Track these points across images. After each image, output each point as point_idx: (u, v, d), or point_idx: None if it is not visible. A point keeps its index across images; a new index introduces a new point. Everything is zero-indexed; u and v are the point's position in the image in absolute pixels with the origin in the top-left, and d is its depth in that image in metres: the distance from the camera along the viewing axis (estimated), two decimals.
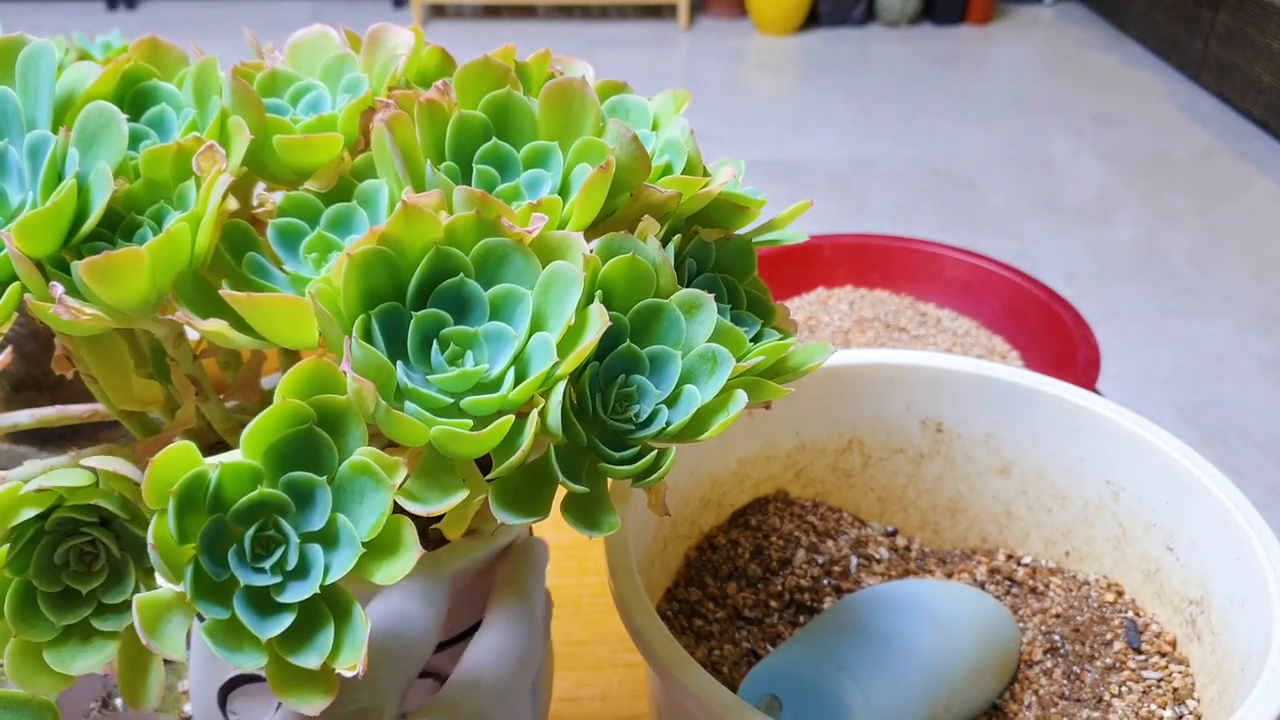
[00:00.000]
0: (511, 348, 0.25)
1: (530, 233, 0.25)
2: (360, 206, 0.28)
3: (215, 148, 0.26)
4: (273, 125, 0.29)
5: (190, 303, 0.26)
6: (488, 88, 0.29)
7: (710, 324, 0.27)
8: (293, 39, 0.32)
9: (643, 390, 0.26)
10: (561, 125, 0.29)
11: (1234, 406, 1.72)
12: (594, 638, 0.54)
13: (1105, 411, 0.43)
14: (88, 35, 0.59)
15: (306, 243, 0.27)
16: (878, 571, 0.46)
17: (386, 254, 0.25)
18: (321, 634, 0.23)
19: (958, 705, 0.39)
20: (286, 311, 0.24)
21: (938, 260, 0.92)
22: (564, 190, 0.28)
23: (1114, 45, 3.25)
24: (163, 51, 0.31)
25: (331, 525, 0.23)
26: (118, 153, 0.26)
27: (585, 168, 0.28)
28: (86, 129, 0.26)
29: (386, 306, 0.25)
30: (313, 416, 0.23)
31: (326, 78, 0.31)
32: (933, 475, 0.48)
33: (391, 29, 0.32)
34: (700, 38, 3.33)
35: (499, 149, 0.29)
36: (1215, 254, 2.14)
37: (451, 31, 3.24)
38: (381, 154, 0.28)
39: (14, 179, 0.26)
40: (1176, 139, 2.63)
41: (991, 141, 2.63)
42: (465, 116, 0.28)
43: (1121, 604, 0.43)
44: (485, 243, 0.25)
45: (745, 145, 2.59)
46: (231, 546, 0.23)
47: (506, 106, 0.29)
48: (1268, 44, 2.57)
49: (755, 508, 0.48)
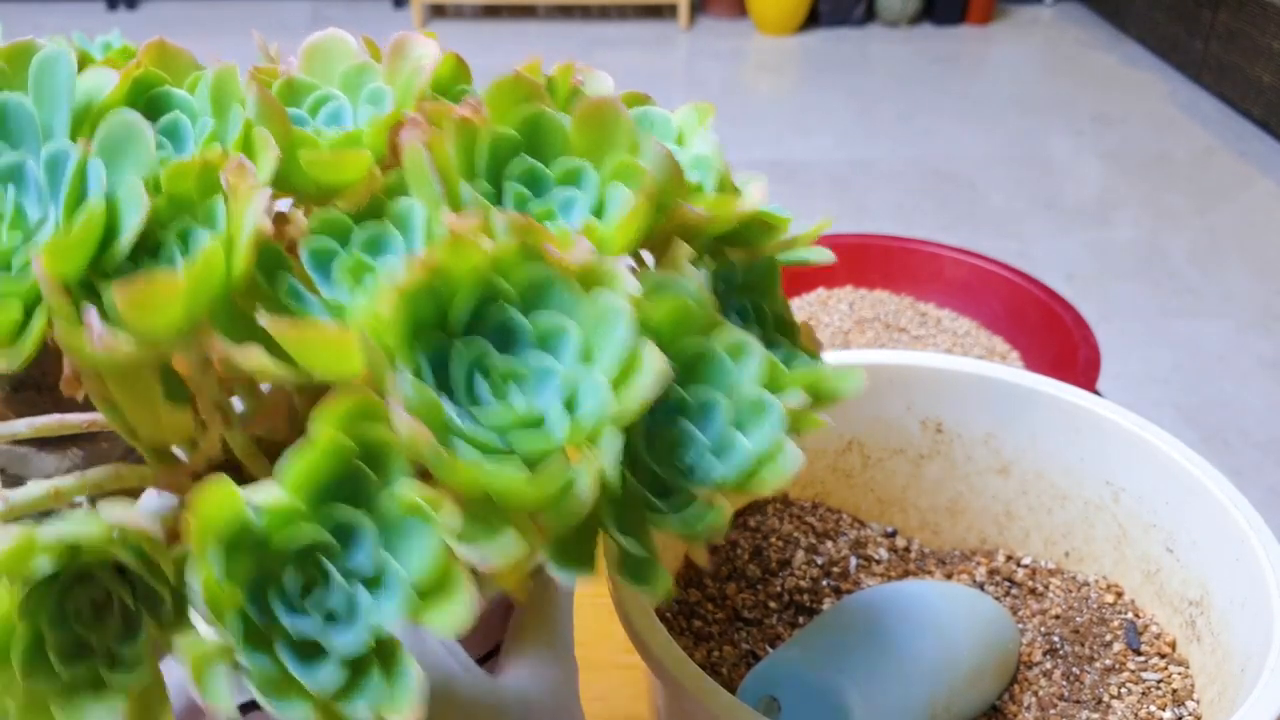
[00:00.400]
0: (561, 384, 0.24)
1: (575, 260, 0.24)
2: (394, 227, 0.27)
3: (245, 163, 0.25)
4: (299, 140, 0.28)
5: (227, 331, 0.25)
6: (519, 103, 0.28)
7: (756, 367, 0.26)
8: (307, 44, 0.31)
9: (689, 437, 0.25)
10: (595, 143, 0.28)
11: (1234, 406, 1.72)
12: (594, 639, 0.54)
13: (1105, 411, 0.43)
14: (88, 35, 0.59)
15: (340, 265, 0.26)
16: (877, 572, 0.46)
17: (437, 285, 0.23)
18: (371, 682, 0.22)
19: (957, 706, 0.39)
20: (333, 345, 0.23)
21: (938, 260, 0.92)
22: (598, 210, 0.28)
23: (1114, 45, 3.25)
24: (171, 55, 0.30)
25: (377, 566, 0.22)
26: (146, 166, 0.25)
27: (620, 187, 0.27)
28: (110, 140, 0.25)
29: (433, 339, 0.24)
30: (355, 451, 0.22)
31: (346, 87, 0.30)
32: (932, 476, 0.48)
33: (416, 38, 0.31)
34: (700, 38, 3.33)
35: (532, 167, 0.28)
36: (1215, 254, 2.14)
37: (451, 31, 3.24)
38: (415, 172, 0.27)
39: (32, 194, 0.25)
40: (1176, 139, 2.63)
41: (991, 141, 2.63)
42: (499, 134, 0.28)
43: (1121, 605, 0.43)
44: (531, 272, 0.24)
45: (745, 145, 2.59)
46: (275, 591, 0.22)
47: (539, 124, 0.28)
48: (1268, 44, 2.57)
49: (754, 508, 0.48)
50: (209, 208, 0.25)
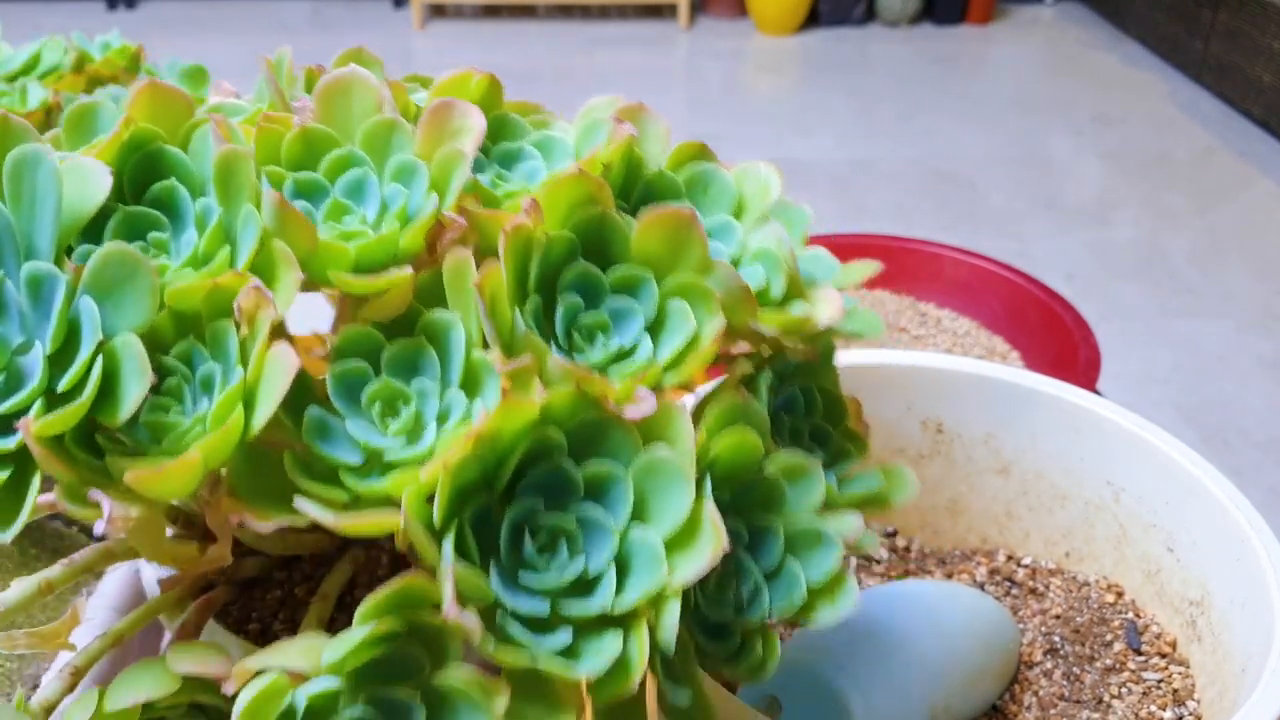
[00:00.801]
0: (609, 543, 0.22)
1: (636, 416, 0.22)
2: (429, 344, 0.24)
3: (263, 291, 0.22)
4: (325, 252, 0.25)
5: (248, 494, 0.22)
6: (580, 205, 0.26)
7: (815, 493, 0.25)
8: (323, 84, 0.28)
9: (744, 570, 0.24)
10: (660, 252, 0.26)
11: (1234, 406, 1.72)
12: None
13: (1105, 411, 0.43)
14: (87, 35, 0.59)
15: (370, 393, 0.24)
16: (877, 572, 0.46)
17: (482, 455, 0.22)
18: None
19: (957, 706, 0.39)
20: (375, 524, 0.22)
21: (938, 260, 0.92)
22: (656, 325, 0.25)
23: (1114, 45, 3.25)
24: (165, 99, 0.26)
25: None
26: (145, 313, 0.22)
27: (684, 308, 0.25)
28: (104, 276, 0.22)
29: (478, 506, 0.22)
30: (403, 634, 0.21)
31: (370, 148, 0.27)
32: (933, 476, 0.48)
33: (458, 106, 0.27)
34: (700, 38, 3.33)
35: (587, 271, 0.25)
36: (1215, 254, 2.14)
37: (452, 31, 3.24)
38: (457, 285, 0.24)
39: (13, 318, 0.22)
40: (1176, 139, 2.63)
41: (991, 141, 2.63)
42: (554, 238, 0.25)
43: (1121, 605, 0.43)
44: (584, 419, 0.23)
45: (745, 145, 2.59)
46: None
47: (601, 227, 0.26)
48: (1268, 44, 2.57)
49: None
50: (218, 332, 0.23)
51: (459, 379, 0.24)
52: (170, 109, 0.27)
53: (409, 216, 0.26)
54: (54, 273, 0.22)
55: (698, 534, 0.22)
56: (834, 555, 0.24)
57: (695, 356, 0.24)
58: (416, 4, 3.32)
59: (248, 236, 0.24)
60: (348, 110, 0.27)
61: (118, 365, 0.22)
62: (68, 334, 0.22)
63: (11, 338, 0.22)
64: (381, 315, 0.25)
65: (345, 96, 0.27)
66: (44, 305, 0.22)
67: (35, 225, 0.23)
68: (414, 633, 0.21)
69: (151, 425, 0.23)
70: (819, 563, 0.24)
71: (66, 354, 0.22)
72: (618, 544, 0.22)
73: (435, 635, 0.21)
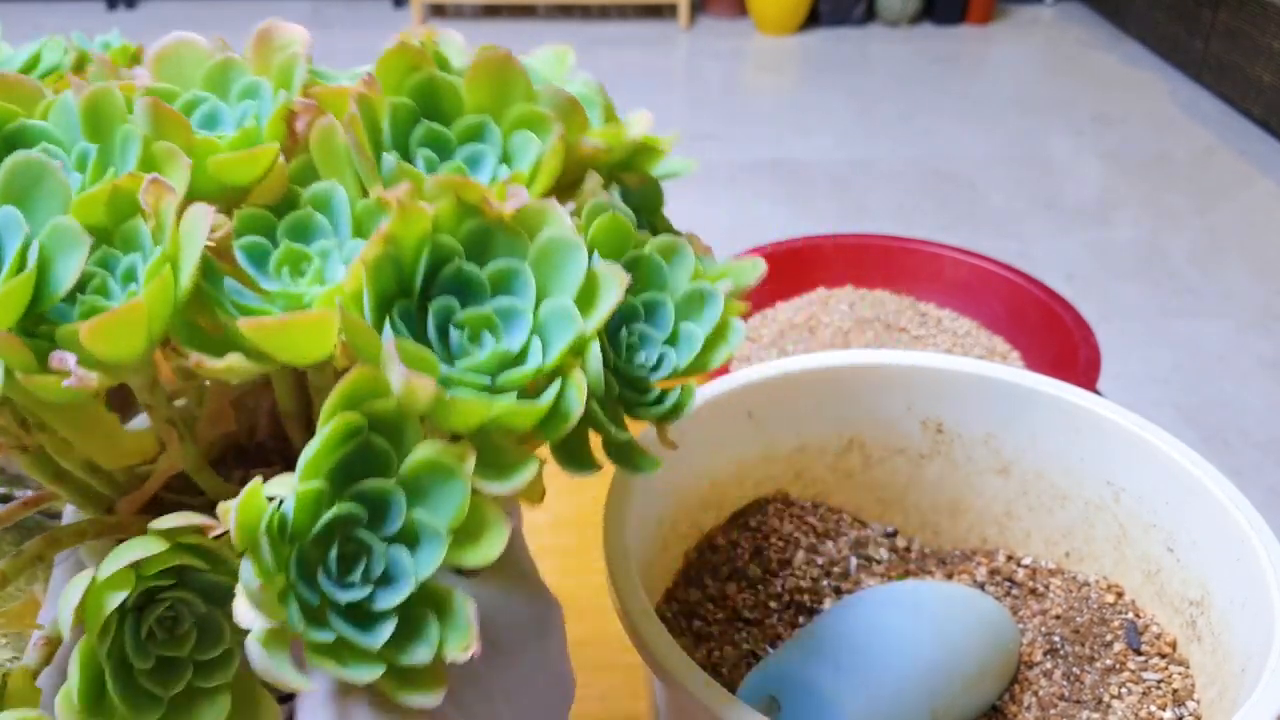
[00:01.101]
0: (526, 320, 0.26)
1: (509, 209, 0.26)
2: (317, 212, 0.27)
3: (163, 181, 0.25)
4: (201, 146, 0.27)
5: (188, 343, 0.25)
6: (409, 72, 0.29)
7: (689, 265, 0.29)
8: (153, 51, 0.31)
9: (645, 337, 0.28)
10: (490, 97, 0.29)
11: (1234, 406, 1.72)
12: (594, 638, 0.54)
13: (1105, 411, 0.43)
14: (87, 35, 0.59)
15: (276, 258, 0.27)
16: (878, 572, 0.46)
17: (393, 254, 0.25)
18: (428, 628, 0.24)
19: (957, 707, 0.39)
20: (314, 328, 0.24)
21: (938, 260, 0.92)
22: (506, 159, 0.29)
23: (1114, 45, 3.25)
24: (11, 85, 0.29)
25: (410, 525, 0.24)
26: (63, 202, 0.25)
27: (526, 134, 0.29)
28: (14, 186, 0.25)
29: (400, 305, 0.25)
30: (365, 426, 0.23)
31: (211, 87, 0.30)
32: (933, 476, 0.48)
33: (279, 26, 0.31)
34: (700, 38, 3.33)
35: (433, 130, 0.29)
36: (1215, 254, 2.14)
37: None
38: (327, 155, 0.28)
39: None
40: (1176, 139, 2.63)
41: (991, 141, 2.63)
42: (397, 104, 0.29)
43: (1121, 605, 0.43)
44: (473, 225, 0.26)
45: (745, 145, 2.59)
46: (319, 569, 0.23)
47: (431, 88, 0.29)
48: (1268, 44, 2.57)
49: (755, 509, 0.48)
50: (128, 232, 0.25)
51: (350, 231, 0.27)
52: (18, 94, 0.29)
53: (261, 118, 0.29)
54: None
55: (598, 287, 0.26)
56: (718, 305, 0.28)
57: (550, 157, 0.28)
58: (416, 4, 3.32)
59: (129, 149, 0.26)
60: (182, 70, 0.30)
61: (50, 252, 0.24)
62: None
63: None
64: (266, 199, 0.28)
65: (178, 60, 0.31)
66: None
67: None
68: (374, 425, 0.23)
69: (87, 310, 0.25)
70: (708, 316, 0.28)
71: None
72: (533, 320, 0.26)
73: (393, 421, 0.24)
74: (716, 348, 0.28)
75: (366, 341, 0.24)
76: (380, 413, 0.24)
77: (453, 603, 0.24)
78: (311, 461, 0.23)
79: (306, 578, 0.23)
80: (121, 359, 0.24)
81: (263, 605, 0.22)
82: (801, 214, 2.29)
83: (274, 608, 0.22)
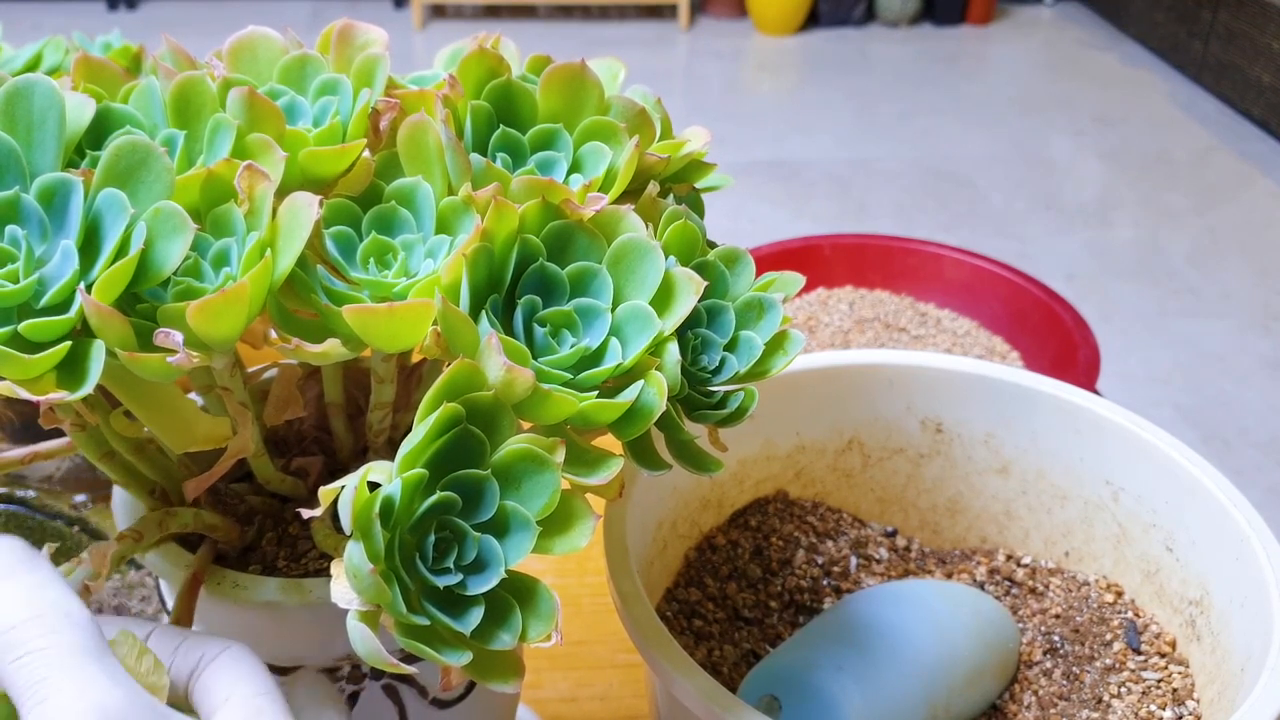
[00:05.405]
0: (605, 320, 0.27)
1: (589, 212, 0.27)
2: (401, 205, 0.28)
3: (258, 168, 0.25)
4: (291, 138, 0.28)
5: (287, 328, 0.26)
6: (485, 77, 0.30)
7: (749, 274, 0.30)
8: (231, 43, 0.31)
9: (708, 341, 0.29)
10: (563, 106, 0.30)
11: (1234, 406, 1.72)
12: (594, 638, 0.54)
13: (1105, 411, 0.43)
14: (88, 35, 0.59)
15: (364, 249, 0.27)
16: (877, 572, 0.46)
17: (489, 249, 0.26)
18: (512, 616, 0.24)
19: (957, 706, 0.39)
20: (415, 317, 0.25)
21: (938, 260, 0.92)
22: (575, 167, 0.30)
23: (1114, 45, 3.25)
24: (97, 69, 0.29)
25: (502, 514, 0.24)
26: (165, 192, 0.25)
27: (598, 145, 0.30)
28: (119, 167, 0.25)
29: (493, 300, 0.26)
30: (464, 417, 0.24)
31: (288, 80, 0.31)
32: (933, 475, 0.48)
33: (359, 27, 0.32)
34: (700, 38, 3.33)
35: (508, 135, 0.30)
36: (1215, 254, 2.14)
37: (451, 31, 3.24)
38: (415, 152, 0.28)
39: (34, 226, 0.24)
40: (1176, 139, 2.63)
41: (991, 141, 2.63)
42: (477, 108, 0.29)
43: (1121, 604, 0.43)
44: (555, 227, 0.27)
45: (745, 145, 2.59)
46: (415, 555, 0.24)
47: (508, 94, 0.30)
48: (1268, 44, 2.57)
49: (755, 508, 0.48)
50: (220, 217, 0.26)
51: (434, 228, 0.28)
52: (102, 77, 0.29)
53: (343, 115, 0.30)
54: (65, 178, 0.24)
55: (675, 290, 0.27)
56: (777, 314, 0.29)
57: (627, 167, 0.29)
58: (416, 4, 3.32)
59: (222, 137, 0.27)
60: (257, 63, 0.31)
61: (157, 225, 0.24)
62: (89, 228, 0.24)
63: (35, 244, 0.24)
64: (350, 191, 0.28)
65: (253, 52, 0.31)
66: (60, 209, 0.24)
67: (35, 148, 0.25)
68: (471, 415, 0.24)
69: (182, 292, 0.25)
70: (767, 324, 0.29)
71: (93, 244, 0.24)
72: (611, 319, 0.27)
73: (489, 412, 0.24)
74: (775, 355, 0.29)
75: (464, 332, 0.25)
76: (479, 404, 0.24)
77: (539, 595, 0.25)
78: (413, 451, 0.24)
79: (405, 562, 0.24)
80: (221, 339, 0.25)
81: (369, 588, 0.22)
82: (801, 214, 2.29)
83: (379, 591, 0.23)
